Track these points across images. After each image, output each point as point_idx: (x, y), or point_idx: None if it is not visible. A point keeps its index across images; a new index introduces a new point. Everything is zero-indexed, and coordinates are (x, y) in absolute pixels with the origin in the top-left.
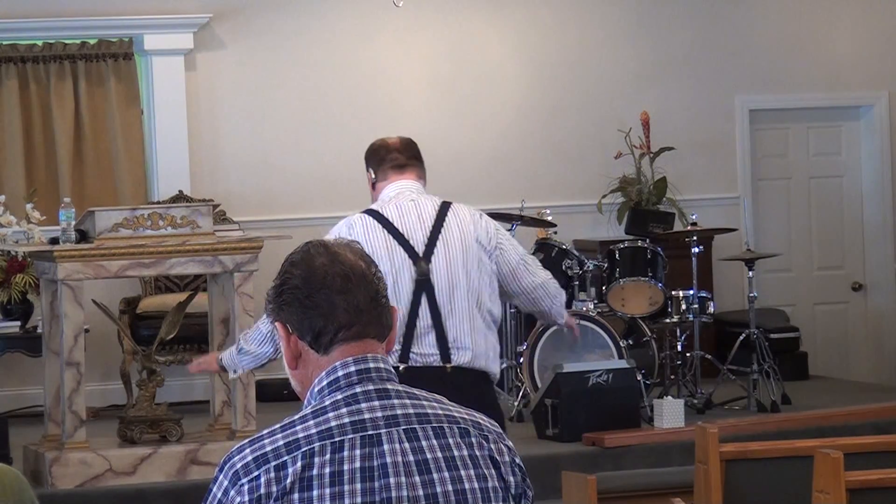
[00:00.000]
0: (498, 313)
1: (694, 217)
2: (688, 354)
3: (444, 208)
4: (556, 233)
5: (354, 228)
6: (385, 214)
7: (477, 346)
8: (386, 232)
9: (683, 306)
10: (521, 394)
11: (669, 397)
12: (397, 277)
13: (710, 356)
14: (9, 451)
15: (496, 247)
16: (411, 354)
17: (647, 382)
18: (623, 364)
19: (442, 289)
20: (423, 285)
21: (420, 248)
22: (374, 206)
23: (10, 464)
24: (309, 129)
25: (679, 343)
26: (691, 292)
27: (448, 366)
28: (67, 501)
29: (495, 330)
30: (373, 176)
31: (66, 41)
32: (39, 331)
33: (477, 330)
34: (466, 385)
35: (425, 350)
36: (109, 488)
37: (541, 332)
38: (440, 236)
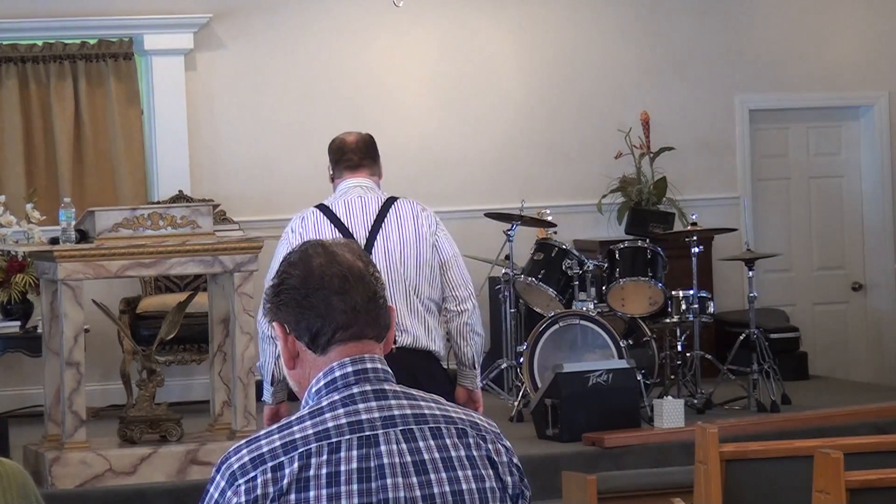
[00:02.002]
0: (438, 298)
1: (694, 217)
2: (688, 354)
3: (388, 204)
4: (556, 233)
5: (307, 221)
6: (333, 209)
7: (417, 330)
8: (332, 226)
9: (683, 306)
10: (521, 394)
11: (669, 397)
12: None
13: (710, 356)
14: (9, 451)
15: (434, 236)
16: None
17: (647, 382)
18: (623, 364)
19: (386, 272)
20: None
21: (362, 241)
22: (325, 202)
23: None
24: (309, 128)
25: (679, 343)
26: (691, 292)
27: (393, 347)
28: (67, 501)
29: (437, 314)
30: (331, 171)
31: (66, 41)
32: (39, 331)
33: (416, 314)
34: (412, 363)
35: None
36: (109, 488)
37: (541, 331)
38: (380, 230)
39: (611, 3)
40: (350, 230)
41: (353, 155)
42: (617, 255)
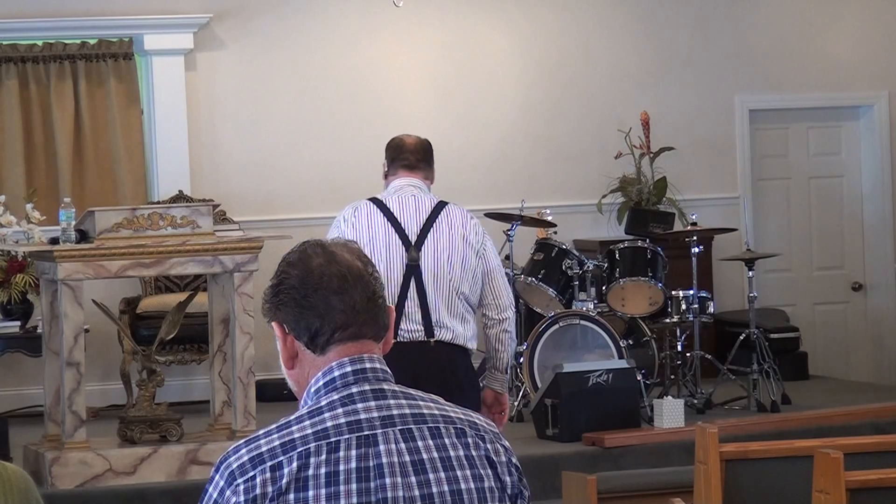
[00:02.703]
0: (475, 302)
1: (694, 217)
2: (688, 354)
3: (440, 206)
4: (556, 233)
5: (360, 211)
6: (387, 204)
7: (456, 327)
8: (385, 219)
9: (683, 306)
10: (521, 394)
11: (669, 397)
12: (391, 260)
13: (710, 356)
14: (9, 451)
15: (482, 246)
16: (399, 331)
17: (647, 382)
18: (623, 364)
19: (428, 274)
20: (413, 270)
21: (413, 237)
22: (379, 196)
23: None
24: (309, 129)
25: (679, 343)
26: (691, 292)
27: (431, 340)
28: (67, 501)
29: (473, 315)
30: (386, 168)
31: (66, 41)
32: (39, 331)
33: (456, 314)
34: (451, 356)
35: (412, 326)
36: (109, 488)
37: (541, 331)
38: (432, 230)
39: (611, 3)
40: (403, 225)
41: (411, 155)
42: (617, 255)
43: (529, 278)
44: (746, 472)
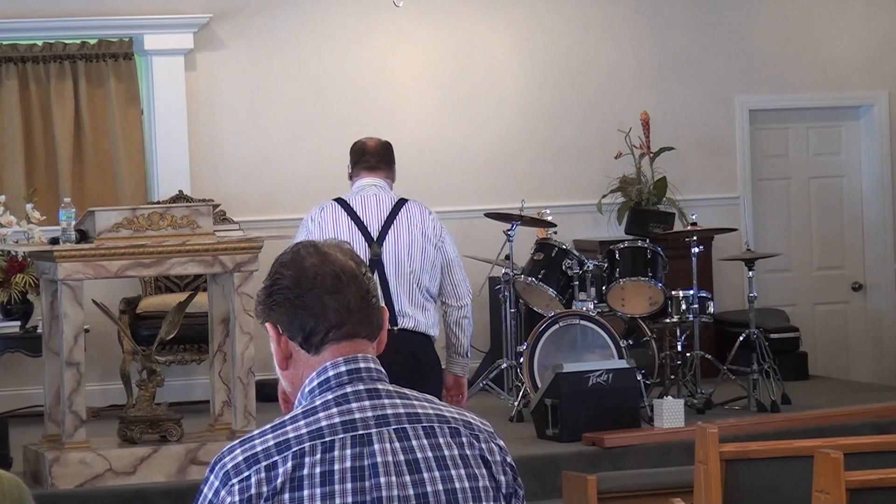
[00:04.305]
0: (435, 292)
1: (694, 217)
2: (688, 354)
3: (400, 204)
4: (556, 233)
5: (325, 212)
6: (350, 203)
7: (418, 316)
8: (349, 217)
9: (683, 306)
10: (521, 394)
11: (669, 397)
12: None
13: (710, 356)
14: (9, 451)
15: (440, 239)
16: None
17: (647, 382)
18: (623, 364)
19: (390, 268)
20: (375, 264)
21: (375, 234)
22: (343, 196)
23: (11, 464)
24: (309, 128)
25: (679, 343)
26: (691, 292)
27: (395, 328)
28: (67, 501)
29: (434, 304)
30: (350, 170)
31: (66, 41)
32: (39, 331)
33: (417, 303)
34: (413, 343)
35: None
36: (109, 488)
37: (541, 331)
38: (392, 226)
39: (611, 3)
40: (365, 222)
41: (372, 157)
42: (617, 255)
43: (529, 278)
44: (746, 472)
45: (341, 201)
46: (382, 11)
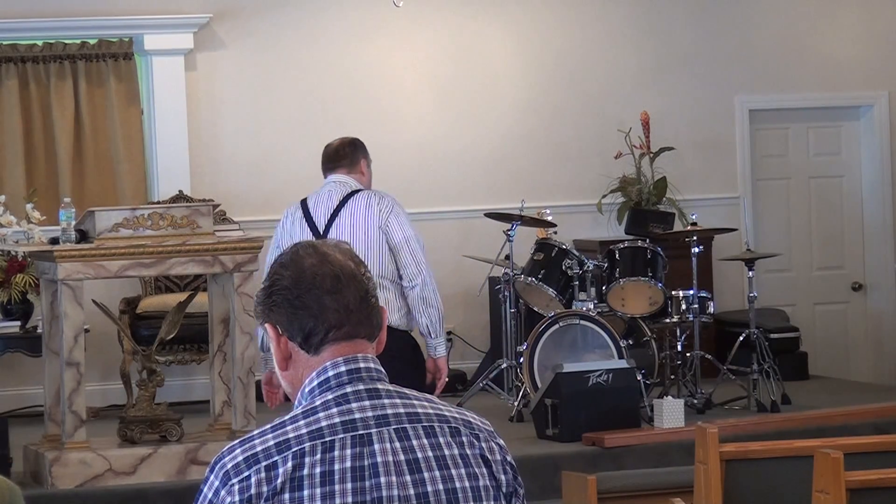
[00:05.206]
0: (390, 277)
1: (694, 217)
2: (688, 354)
3: (349, 196)
4: (556, 233)
5: (288, 212)
6: (307, 202)
7: None
8: (302, 215)
9: (683, 306)
10: (521, 394)
11: (669, 397)
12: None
13: (710, 356)
14: (9, 451)
15: (385, 222)
16: None
17: (647, 382)
18: (623, 364)
19: None
20: None
21: (321, 227)
22: (306, 196)
23: (11, 463)
24: (309, 128)
25: (679, 343)
26: (691, 292)
27: None
28: (67, 501)
29: (392, 290)
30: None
31: (66, 41)
32: (39, 331)
33: None
34: None
35: None
36: (109, 488)
37: (541, 331)
38: (337, 218)
39: (611, 3)
40: (314, 218)
41: (330, 157)
42: (617, 255)
43: (529, 278)
44: (746, 472)
45: (302, 201)
46: (382, 12)
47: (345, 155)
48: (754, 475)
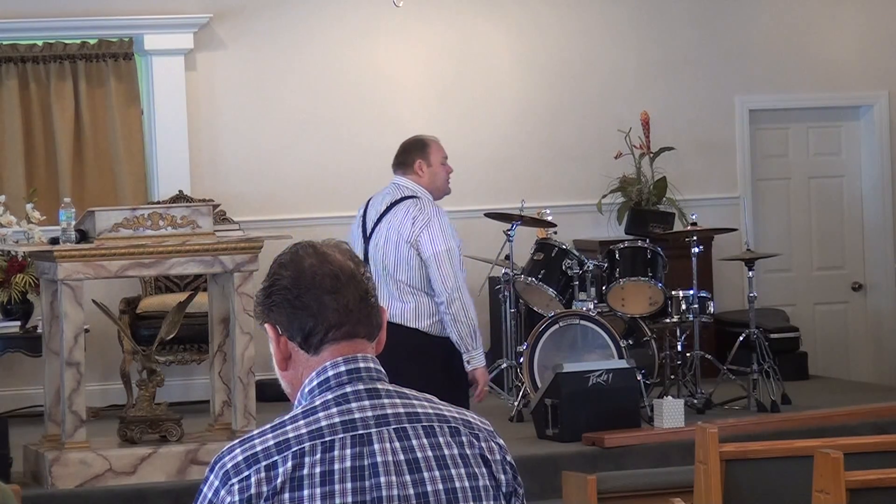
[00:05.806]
0: (419, 286)
1: (694, 217)
2: (688, 354)
3: (395, 202)
4: (556, 233)
5: (361, 205)
6: (370, 201)
7: (393, 309)
8: (361, 215)
9: (683, 306)
10: (521, 394)
11: (669, 397)
12: (356, 250)
13: (710, 356)
14: (9, 451)
15: (416, 238)
16: None
17: (647, 382)
18: (623, 364)
19: (371, 263)
20: (365, 257)
21: (368, 230)
22: (373, 195)
23: (11, 463)
24: (309, 129)
25: (679, 343)
26: (691, 292)
27: None
28: (67, 501)
29: (421, 297)
30: None
31: (66, 41)
32: (39, 331)
33: (393, 296)
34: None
35: None
36: (109, 488)
37: (541, 332)
38: (380, 224)
39: (611, 3)
40: (367, 220)
41: (394, 159)
42: (617, 255)
43: (529, 278)
44: (746, 472)
45: (369, 200)
46: (382, 11)
47: (400, 157)
48: (754, 475)
